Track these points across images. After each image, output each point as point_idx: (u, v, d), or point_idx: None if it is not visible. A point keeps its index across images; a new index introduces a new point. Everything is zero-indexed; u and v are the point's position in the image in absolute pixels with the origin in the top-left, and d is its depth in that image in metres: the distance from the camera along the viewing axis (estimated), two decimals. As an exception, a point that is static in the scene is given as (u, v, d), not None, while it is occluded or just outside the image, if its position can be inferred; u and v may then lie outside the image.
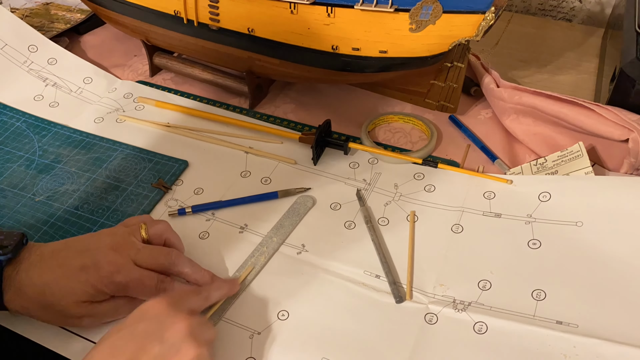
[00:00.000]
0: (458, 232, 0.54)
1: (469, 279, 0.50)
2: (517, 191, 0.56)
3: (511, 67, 0.75)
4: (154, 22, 0.69)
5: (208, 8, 0.63)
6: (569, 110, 0.57)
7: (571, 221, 0.52)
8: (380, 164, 0.61)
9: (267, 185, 0.60)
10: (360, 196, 0.58)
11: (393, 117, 0.67)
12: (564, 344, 0.44)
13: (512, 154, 0.63)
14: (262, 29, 0.62)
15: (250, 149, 0.64)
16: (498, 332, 0.45)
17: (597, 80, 0.72)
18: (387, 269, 0.51)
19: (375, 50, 0.58)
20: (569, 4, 0.87)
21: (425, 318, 0.47)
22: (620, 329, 0.44)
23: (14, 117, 0.70)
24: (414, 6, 0.54)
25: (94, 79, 0.75)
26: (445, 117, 0.68)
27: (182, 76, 0.76)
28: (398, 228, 0.55)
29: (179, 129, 0.67)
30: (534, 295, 0.48)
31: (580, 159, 0.55)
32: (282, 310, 0.48)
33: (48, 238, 0.55)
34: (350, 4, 0.55)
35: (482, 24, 0.53)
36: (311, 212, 0.57)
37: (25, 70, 0.74)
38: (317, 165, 0.62)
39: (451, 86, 0.65)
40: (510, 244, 0.52)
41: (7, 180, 0.62)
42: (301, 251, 0.53)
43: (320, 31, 0.59)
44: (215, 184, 0.61)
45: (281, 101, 0.72)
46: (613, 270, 0.48)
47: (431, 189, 0.58)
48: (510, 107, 0.62)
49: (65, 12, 0.86)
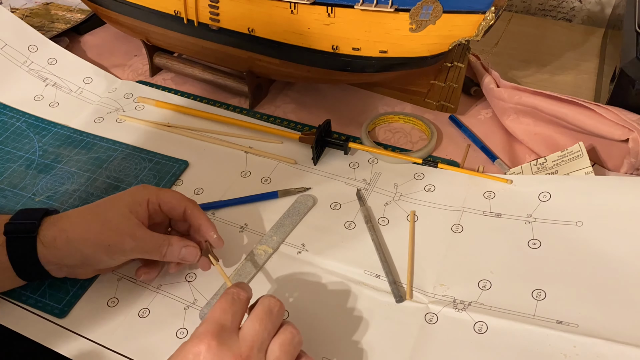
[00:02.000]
0: (458, 232, 0.54)
1: (469, 279, 0.50)
2: (517, 191, 0.56)
3: (511, 67, 0.75)
4: (154, 22, 0.69)
5: (208, 8, 0.63)
6: (569, 110, 0.58)
7: (571, 221, 0.52)
8: (380, 163, 0.62)
9: (267, 185, 0.60)
10: (360, 196, 0.58)
11: (393, 117, 0.67)
12: (564, 343, 0.44)
13: (512, 154, 0.63)
14: (262, 29, 0.62)
15: (250, 148, 0.64)
16: (498, 332, 0.45)
17: (597, 80, 0.72)
18: (387, 269, 0.51)
19: (376, 50, 0.58)
20: (569, 4, 0.87)
21: (426, 318, 0.47)
22: (620, 329, 0.44)
23: (14, 117, 0.70)
24: (414, 6, 0.54)
25: (94, 79, 0.75)
26: (445, 117, 0.68)
27: (182, 76, 0.76)
28: (398, 228, 0.55)
29: (179, 129, 0.67)
30: (534, 295, 0.48)
31: (580, 159, 0.55)
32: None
33: (48, 238, 0.55)
34: (351, 4, 0.55)
35: (482, 24, 0.53)
36: (311, 211, 0.57)
37: (25, 70, 0.74)
38: (317, 165, 0.62)
39: (451, 86, 0.65)
40: (510, 244, 0.52)
41: (7, 180, 0.61)
42: (301, 251, 0.53)
43: (320, 31, 0.59)
44: (215, 184, 0.61)
45: (281, 101, 0.72)
46: (613, 270, 0.48)
47: (431, 189, 0.58)
48: (510, 107, 0.62)
49: (65, 12, 0.86)
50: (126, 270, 0.52)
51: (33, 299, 0.50)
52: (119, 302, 0.50)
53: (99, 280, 0.52)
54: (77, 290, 0.51)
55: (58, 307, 0.50)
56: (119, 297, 0.51)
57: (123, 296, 0.51)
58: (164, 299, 0.50)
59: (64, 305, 0.50)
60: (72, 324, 0.48)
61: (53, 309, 0.49)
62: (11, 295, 0.50)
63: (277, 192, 0.58)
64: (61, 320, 0.49)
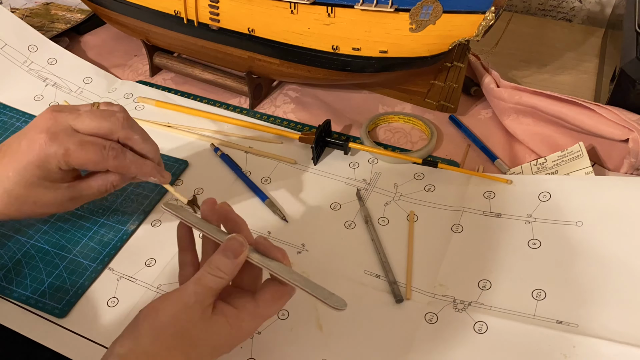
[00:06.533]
0: (458, 232, 0.54)
1: (468, 279, 0.50)
2: (517, 191, 0.56)
3: (511, 67, 0.75)
4: (154, 22, 0.69)
5: (208, 8, 0.63)
6: (569, 110, 0.58)
7: (571, 221, 0.52)
8: (380, 164, 0.62)
9: (267, 185, 0.60)
10: (360, 196, 0.58)
11: (393, 117, 0.67)
12: (564, 343, 0.44)
13: (512, 154, 0.63)
14: (262, 29, 0.62)
15: (250, 148, 0.64)
16: (498, 332, 0.45)
17: (597, 80, 0.72)
18: (387, 269, 0.51)
19: (376, 50, 0.58)
20: (569, 4, 0.87)
21: (425, 318, 0.47)
22: (620, 329, 0.44)
23: (14, 117, 0.70)
24: (414, 6, 0.54)
25: (94, 79, 0.75)
26: (445, 117, 0.68)
27: (182, 76, 0.76)
28: (398, 228, 0.55)
29: (179, 129, 0.67)
30: (534, 295, 0.48)
31: (580, 159, 0.55)
32: (282, 309, 0.48)
33: (48, 237, 0.55)
34: (351, 4, 0.55)
35: (482, 24, 0.53)
36: (311, 211, 0.57)
37: (25, 70, 0.74)
38: (317, 165, 0.62)
39: (451, 86, 0.65)
40: (510, 244, 0.52)
41: (7, 180, 0.61)
42: (301, 251, 0.53)
43: (320, 31, 0.59)
44: (215, 184, 0.61)
45: (281, 101, 0.72)
46: (613, 270, 0.48)
47: (431, 189, 0.58)
48: (510, 107, 0.62)
49: (65, 12, 0.86)
50: (126, 270, 0.52)
51: (33, 299, 0.50)
52: (119, 302, 0.50)
53: (99, 280, 0.52)
54: (77, 290, 0.51)
55: (58, 307, 0.50)
56: (119, 297, 0.51)
57: (123, 296, 0.51)
58: (164, 299, 0.50)
59: (64, 305, 0.50)
60: (72, 324, 0.49)
61: (53, 309, 0.49)
62: (11, 295, 0.50)
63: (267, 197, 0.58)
64: (61, 320, 0.49)
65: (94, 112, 0.45)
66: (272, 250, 0.41)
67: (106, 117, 0.44)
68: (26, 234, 0.55)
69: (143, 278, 0.52)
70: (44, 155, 0.43)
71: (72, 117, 0.44)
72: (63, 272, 0.52)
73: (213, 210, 0.43)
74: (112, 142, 0.44)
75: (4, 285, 0.51)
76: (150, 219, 0.57)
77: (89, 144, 0.43)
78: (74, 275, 0.52)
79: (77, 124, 0.44)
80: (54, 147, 0.42)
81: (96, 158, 0.43)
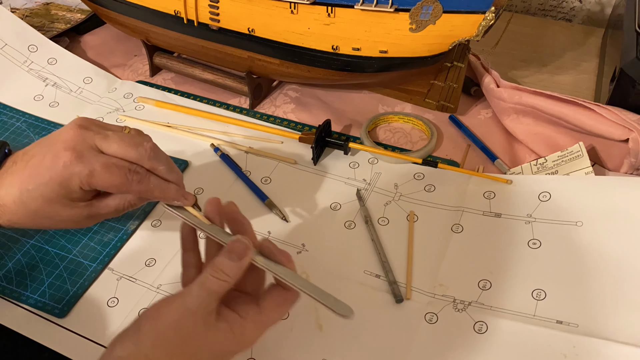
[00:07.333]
0: (458, 232, 0.54)
1: (469, 279, 0.50)
2: (517, 191, 0.56)
3: (511, 67, 0.75)
4: (154, 22, 0.69)
5: (208, 8, 0.63)
6: (569, 110, 0.58)
7: (571, 221, 0.52)
8: (380, 163, 0.62)
9: (267, 185, 0.60)
10: (360, 196, 0.58)
11: (393, 117, 0.67)
12: (564, 343, 0.44)
13: (512, 154, 0.63)
14: (262, 29, 0.62)
15: (250, 148, 0.64)
16: (498, 332, 0.45)
17: (597, 80, 0.72)
18: (387, 269, 0.51)
19: (376, 50, 0.58)
20: (569, 4, 0.87)
21: (425, 317, 0.47)
22: (620, 328, 0.44)
23: (14, 117, 0.70)
24: (414, 6, 0.54)
25: (94, 79, 0.75)
26: (445, 117, 0.68)
27: (182, 76, 0.76)
28: (398, 228, 0.55)
29: (179, 129, 0.67)
30: (534, 295, 0.48)
31: (580, 159, 0.55)
32: (282, 310, 0.48)
33: (48, 237, 0.55)
34: (351, 4, 0.55)
35: (482, 24, 0.53)
36: (311, 211, 0.57)
37: (25, 70, 0.74)
38: (317, 165, 0.62)
39: (451, 86, 0.65)
40: (510, 244, 0.52)
41: (7, 180, 0.61)
42: (301, 250, 0.53)
43: (320, 31, 0.59)
44: (215, 184, 0.61)
45: (281, 101, 0.72)
46: (613, 270, 0.48)
47: (431, 189, 0.58)
48: (510, 107, 0.62)
49: (65, 12, 0.86)
50: (126, 270, 0.52)
51: (33, 299, 0.50)
52: (119, 302, 0.50)
53: (99, 280, 0.52)
54: (77, 290, 0.51)
55: (58, 307, 0.50)
56: (119, 297, 0.51)
57: (123, 296, 0.51)
58: (164, 299, 0.50)
59: (64, 305, 0.50)
60: (72, 324, 0.49)
61: (53, 309, 0.49)
62: (11, 295, 0.51)
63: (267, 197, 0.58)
64: (61, 320, 0.49)
65: (123, 137, 0.44)
66: (277, 254, 0.41)
67: (134, 146, 0.43)
68: (26, 235, 0.55)
69: (143, 278, 0.52)
70: (68, 174, 0.42)
71: (100, 138, 0.43)
72: (63, 272, 0.52)
73: (217, 210, 0.43)
74: (137, 165, 0.44)
75: (4, 285, 0.51)
76: (151, 219, 0.57)
77: (114, 167, 0.42)
78: (74, 275, 0.52)
79: (103, 145, 0.43)
80: (79, 167, 0.42)
81: (120, 182, 0.42)
